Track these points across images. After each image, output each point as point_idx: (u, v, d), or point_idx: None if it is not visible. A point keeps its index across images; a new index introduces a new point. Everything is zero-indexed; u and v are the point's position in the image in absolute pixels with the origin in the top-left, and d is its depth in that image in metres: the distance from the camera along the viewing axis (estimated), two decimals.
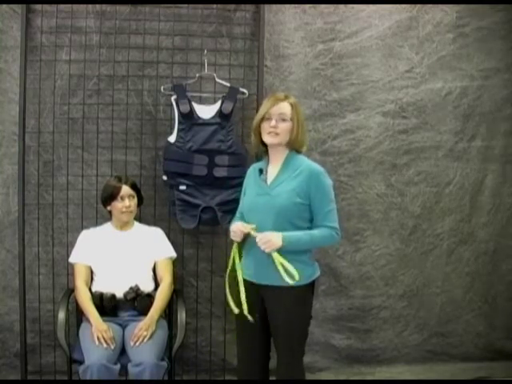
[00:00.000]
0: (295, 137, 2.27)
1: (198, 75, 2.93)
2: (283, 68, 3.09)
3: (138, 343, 2.45)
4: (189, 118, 2.82)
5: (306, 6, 3.09)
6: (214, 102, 2.91)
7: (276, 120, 2.26)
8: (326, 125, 3.14)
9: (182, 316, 2.67)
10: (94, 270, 2.72)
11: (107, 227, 2.80)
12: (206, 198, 2.85)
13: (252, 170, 2.44)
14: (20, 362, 2.89)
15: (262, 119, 2.29)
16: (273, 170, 2.32)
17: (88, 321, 2.56)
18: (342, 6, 3.12)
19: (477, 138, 3.33)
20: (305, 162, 2.29)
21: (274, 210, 2.22)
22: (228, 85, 2.90)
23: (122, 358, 2.46)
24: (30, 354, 2.95)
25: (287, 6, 3.07)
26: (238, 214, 2.48)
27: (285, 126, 2.26)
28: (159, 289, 2.68)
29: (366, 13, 3.14)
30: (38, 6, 2.86)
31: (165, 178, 2.85)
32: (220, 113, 2.83)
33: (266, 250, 2.17)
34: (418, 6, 3.18)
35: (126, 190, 2.69)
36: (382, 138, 3.22)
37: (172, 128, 2.87)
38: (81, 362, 2.42)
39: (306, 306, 2.30)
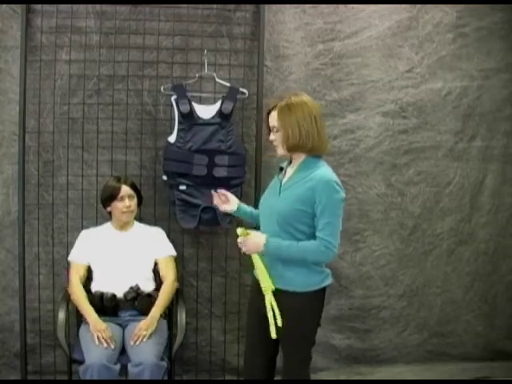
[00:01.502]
0: (287, 142, 2.19)
1: (197, 75, 2.93)
2: (283, 68, 3.09)
3: (137, 342, 2.45)
4: (189, 117, 2.82)
5: (306, 6, 3.09)
6: (214, 102, 2.91)
7: (272, 132, 2.25)
8: (326, 125, 3.12)
9: (182, 316, 2.67)
10: (93, 269, 2.72)
11: (107, 227, 2.79)
12: (206, 198, 2.85)
13: (278, 168, 2.42)
14: (20, 362, 2.89)
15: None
16: (290, 172, 2.29)
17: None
18: (341, 6, 3.11)
19: (477, 138, 3.33)
20: (319, 169, 2.20)
21: (277, 213, 2.20)
22: (228, 85, 2.90)
23: (122, 358, 2.46)
24: (30, 353, 2.95)
25: (287, 6, 3.06)
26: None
27: (277, 137, 2.22)
28: (162, 287, 2.69)
29: (366, 13, 3.14)
30: (38, 6, 2.86)
31: (165, 177, 2.85)
32: (220, 113, 2.83)
33: (247, 252, 2.19)
34: (418, 6, 3.18)
35: (125, 189, 2.68)
36: (382, 138, 3.23)
37: (172, 128, 2.87)
38: (81, 362, 2.42)
39: (311, 312, 2.25)
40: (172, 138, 2.83)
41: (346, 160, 3.20)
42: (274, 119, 2.22)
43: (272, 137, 2.25)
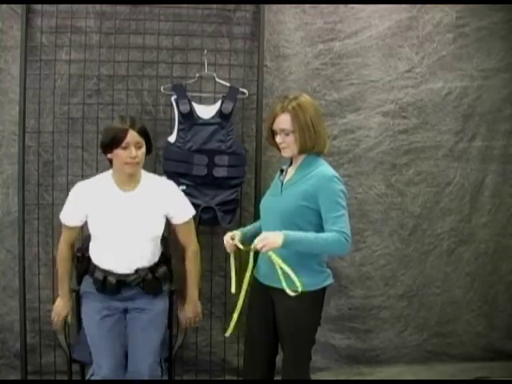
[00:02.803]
0: (303, 145, 2.21)
1: (197, 75, 2.93)
2: (283, 68, 3.09)
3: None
4: (189, 118, 2.82)
5: (306, 6, 3.09)
6: (214, 102, 2.91)
7: (280, 135, 2.24)
8: (326, 125, 3.12)
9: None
10: (92, 236, 2.41)
11: (106, 180, 2.38)
12: (205, 198, 2.85)
13: (279, 170, 2.43)
14: (20, 362, 2.89)
15: (272, 133, 2.29)
16: (291, 172, 2.31)
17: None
18: (342, 6, 3.11)
19: (477, 138, 3.33)
20: (319, 167, 2.23)
21: (280, 211, 2.21)
22: (228, 85, 2.90)
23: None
24: (30, 353, 2.95)
25: (287, 5, 3.06)
26: None
27: (289, 140, 2.22)
28: (187, 260, 2.48)
29: (366, 13, 3.14)
30: (38, 6, 2.86)
31: (165, 178, 2.85)
32: (220, 113, 2.84)
33: (263, 250, 2.08)
34: (418, 5, 3.17)
35: (132, 136, 2.24)
36: (382, 138, 3.22)
37: (172, 128, 2.87)
38: (81, 362, 2.41)
39: (312, 312, 2.26)
40: (172, 138, 2.83)
41: (346, 160, 3.19)
42: (285, 122, 2.21)
43: (280, 139, 2.24)
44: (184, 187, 2.82)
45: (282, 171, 2.37)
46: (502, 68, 3.30)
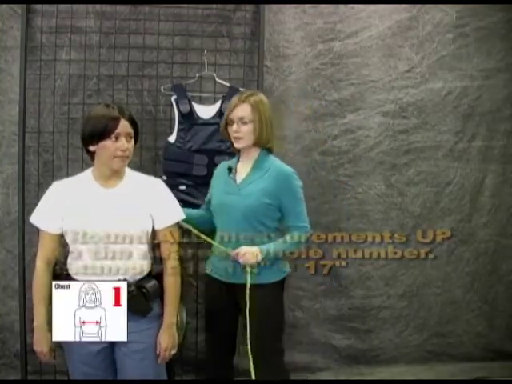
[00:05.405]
0: (260, 137, 2.26)
1: (197, 75, 2.93)
2: (283, 68, 3.10)
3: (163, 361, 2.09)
4: (189, 117, 2.82)
5: (306, 6, 3.09)
6: (214, 101, 2.91)
7: (237, 124, 2.27)
8: (325, 125, 3.14)
9: (182, 316, 2.66)
10: (69, 242, 2.04)
11: (86, 178, 2.07)
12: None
13: (221, 168, 2.44)
14: (20, 362, 2.89)
15: (227, 124, 2.32)
16: (243, 169, 2.33)
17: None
18: (342, 6, 3.12)
19: (477, 138, 3.33)
20: (275, 163, 2.30)
21: (242, 210, 2.24)
22: (228, 85, 2.90)
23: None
24: (30, 354, 2.93)
25: (287, 5, 3.07)
26: (203, 206, 2.53)
27: (246, 129, 2.26)
28: (166, 275, 2.10)
29: (366, 13, 3.14)
30: (38, 6, 2.86)
31: (165, 178, 2.84)
32: (220, 113, 2.83)
33: (240, 261, 2.20)
34: (418, 6, 3.18)
35: (124, 126, 1.96)
36: (382, 138, 3.23)
37: (172, 128, 2.87)
38: None
39: (280, 302, 2.33)
40: (172, 138, 2.83)
41: (346, 160, 3.20)
42: (245, 111, 2.26)
43: (236, 128, 2.27)
44: (184, 187, 2.83)
45: (230, 169, 2.36)
46: (502, 68, 3.30)
